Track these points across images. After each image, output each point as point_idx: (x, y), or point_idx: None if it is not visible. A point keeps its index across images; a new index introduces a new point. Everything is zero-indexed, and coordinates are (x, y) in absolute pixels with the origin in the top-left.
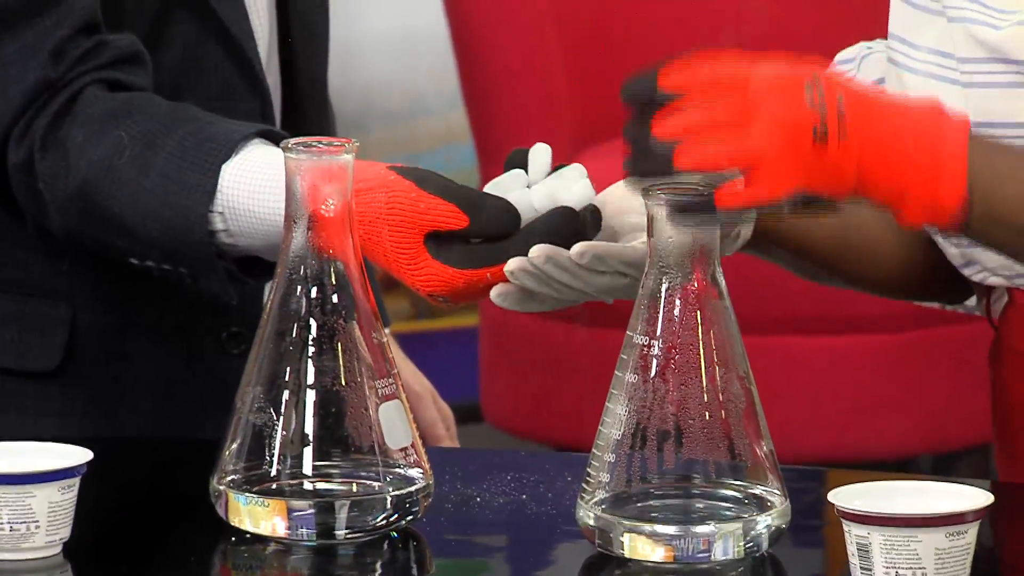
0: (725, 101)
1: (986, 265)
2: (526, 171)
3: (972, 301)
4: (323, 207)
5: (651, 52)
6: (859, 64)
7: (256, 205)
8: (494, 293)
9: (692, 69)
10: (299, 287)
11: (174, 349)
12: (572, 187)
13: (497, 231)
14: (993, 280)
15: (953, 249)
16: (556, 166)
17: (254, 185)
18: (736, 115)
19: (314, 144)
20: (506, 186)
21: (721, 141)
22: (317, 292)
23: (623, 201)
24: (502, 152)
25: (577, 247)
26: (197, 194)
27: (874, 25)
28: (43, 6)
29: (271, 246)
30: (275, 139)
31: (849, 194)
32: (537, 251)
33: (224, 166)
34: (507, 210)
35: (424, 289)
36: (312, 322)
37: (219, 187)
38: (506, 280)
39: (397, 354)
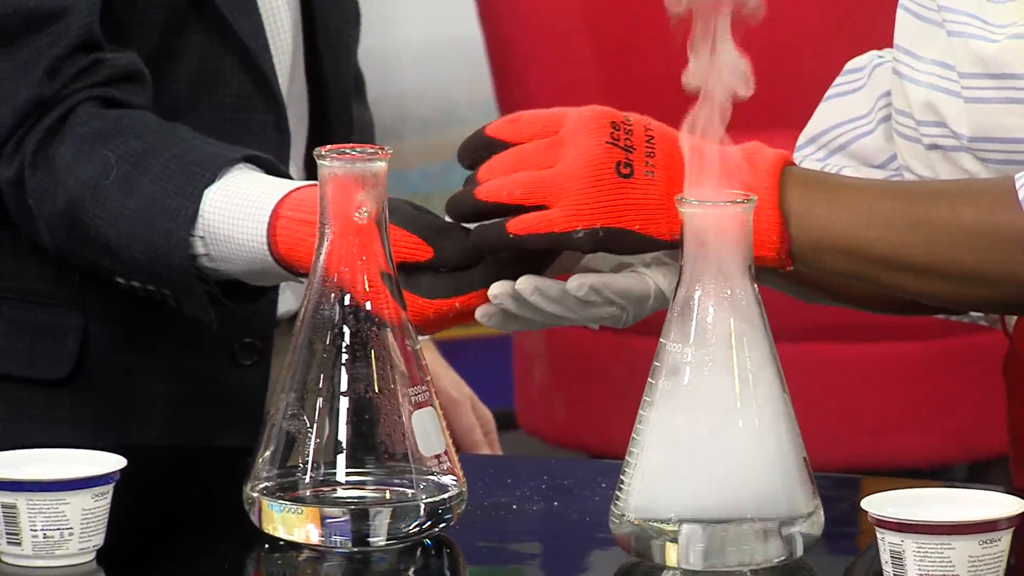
0: (536, 142)
1: None
2: None
3: (978, 312)
4: (356, 214)
5: (686, 61)
6: (869, 73)
7: (236, 231)
8: (479, 313)
9: (514, 118)
10: (332, 294)
11: (185, 360)
12: None
13: (461, 262)
14: None
15: None
16: None
17: (235, 211)
18: (544, 153)
19: (347, 151)
20: None
21: (523, 175)
22: (350, 299)
23: None
24: None
25: (574, 279)
26: (179, 218)
27: None
28: (40, 24)
29: (251, 272)
30: (262, 164)
31: (666, 233)
32: (524, 283)
33: (207, 191)
34: (470, 241)
35: None
36: (345, 329)
37: (201, 211)
38: (475, 307)
39: (437, 360)
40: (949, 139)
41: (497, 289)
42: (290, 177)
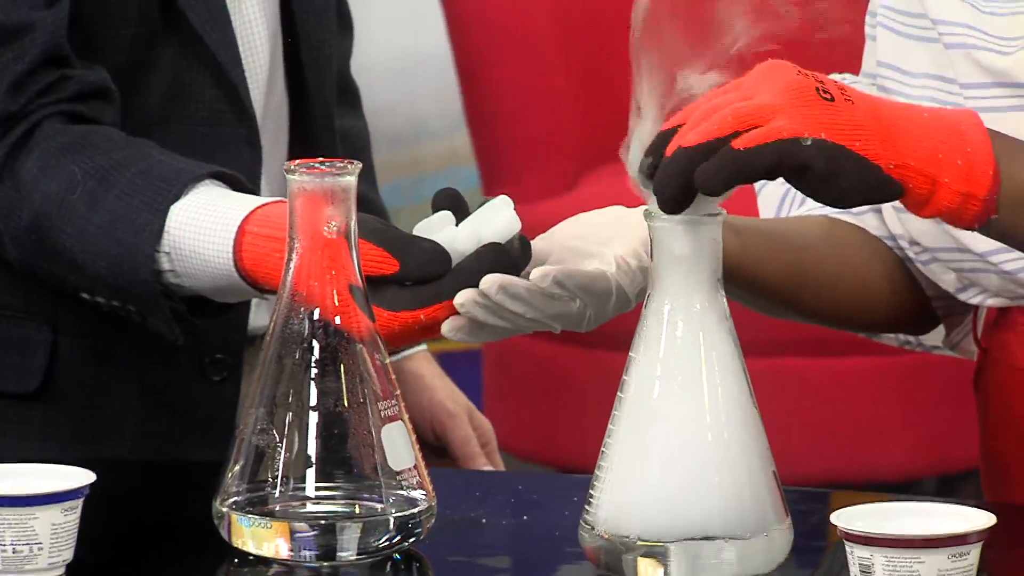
0: (723, 90)
1: (987, 287)
2: (453, 212)
3: (934, 339)
4: (325, 228)
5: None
6: None
7: (201, 247)
8: (446, 327)
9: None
10: (301, 309)
11: (156, 374)
12: (495, 220)
13: (427, 274)
14: (992, 302)
15: (950, 275)
16: (482, 200)
17: (200, 227)
18: (738, 94)
19: (316, 165)
20: (434, 227)
21: (727, 106)
22: (319, 313)
23: (571, 228)
24: (506, 174)
25: (538, 270)
26: (144, 233)
27: None
28: (5, 40)
29: (217, 288)
30: (229, 180)
31: (883, 156)
32: (489, 281)
33: (173, 207)
34: (437, 252)
35: None
36: (315, 343)
37: (166, 228)
38: (441, 320)
39: (435, 371)
40: None
41: (463, 297)
42: (257, 193)
